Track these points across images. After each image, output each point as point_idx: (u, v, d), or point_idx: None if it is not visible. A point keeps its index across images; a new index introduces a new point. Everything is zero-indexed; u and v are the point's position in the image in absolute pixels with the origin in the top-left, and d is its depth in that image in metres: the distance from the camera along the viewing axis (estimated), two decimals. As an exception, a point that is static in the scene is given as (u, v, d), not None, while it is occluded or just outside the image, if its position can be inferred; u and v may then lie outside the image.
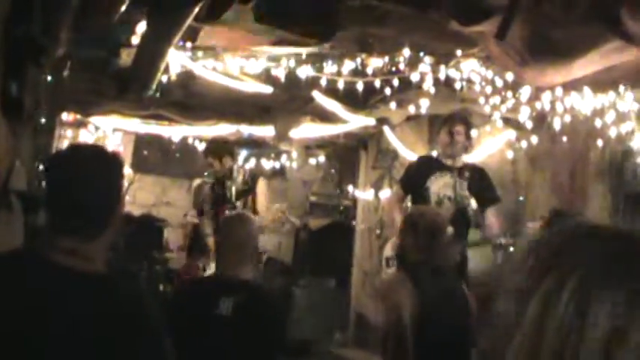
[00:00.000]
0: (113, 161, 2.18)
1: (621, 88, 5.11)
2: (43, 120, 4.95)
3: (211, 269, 6.22)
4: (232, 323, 3.29)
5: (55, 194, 2.10)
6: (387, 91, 5.84)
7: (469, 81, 5.65)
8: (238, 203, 6.67)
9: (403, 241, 4.00)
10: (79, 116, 7.14)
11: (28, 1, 3.71)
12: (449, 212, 5.38)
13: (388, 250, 5.50)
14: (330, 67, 5.67)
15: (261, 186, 6.98)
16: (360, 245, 8.99)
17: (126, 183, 7.44)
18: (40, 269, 1.98)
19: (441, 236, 3.90)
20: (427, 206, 5.25)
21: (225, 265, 3.63)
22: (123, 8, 4.17)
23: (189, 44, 5.29)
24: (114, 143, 8.23)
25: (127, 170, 8.58)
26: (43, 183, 2.20)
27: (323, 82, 5.79)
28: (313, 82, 5.87)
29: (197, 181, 8.45)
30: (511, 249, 5.32)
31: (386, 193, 7.92)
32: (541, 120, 5.90)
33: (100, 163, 2.13)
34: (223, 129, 7.44)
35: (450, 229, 4.54)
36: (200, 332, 3.29)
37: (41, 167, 4.59)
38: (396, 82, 5.70)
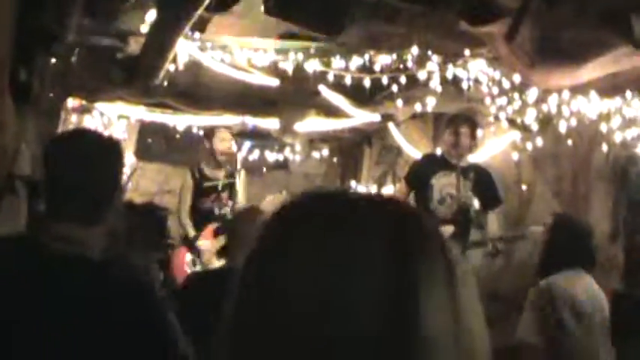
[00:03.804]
0: (113, 147, 2.14)
1: (628, 93, 5.11)
2: (49, 105, 4.96)
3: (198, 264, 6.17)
4: None
5: (54, 179, 2.07)
6: (394, 88, 5.84)
7: (476, 81, 5.65)
8: (224, 194, 6.53)
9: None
10: (84, 102, 7.13)
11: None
12: (451, 211, 5.39)
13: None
14: (337, 62, 5.67)
15: (242, 177, 6.76)
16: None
17: (129, 170, 7.40)
18: (32, 255, 1.95)
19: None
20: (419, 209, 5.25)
21: (237, 259, 3.62)
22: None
23: (197, 35, 5.30)
24: (118, 130, 8.21)
25: (131, 158, 8.56)
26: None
27: (330, 77, 5.78)
28: (320, 77, 5.87)
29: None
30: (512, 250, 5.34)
31: (389, 190, 7.91)
32: (546, 122, 5.90)
33: (99, 148, 2.09)
34: (228, 119, 7.42)
35: (448, 229, 4.56)
36: (211, 328, 3.26)
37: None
38: (403, 79, 5.70)
